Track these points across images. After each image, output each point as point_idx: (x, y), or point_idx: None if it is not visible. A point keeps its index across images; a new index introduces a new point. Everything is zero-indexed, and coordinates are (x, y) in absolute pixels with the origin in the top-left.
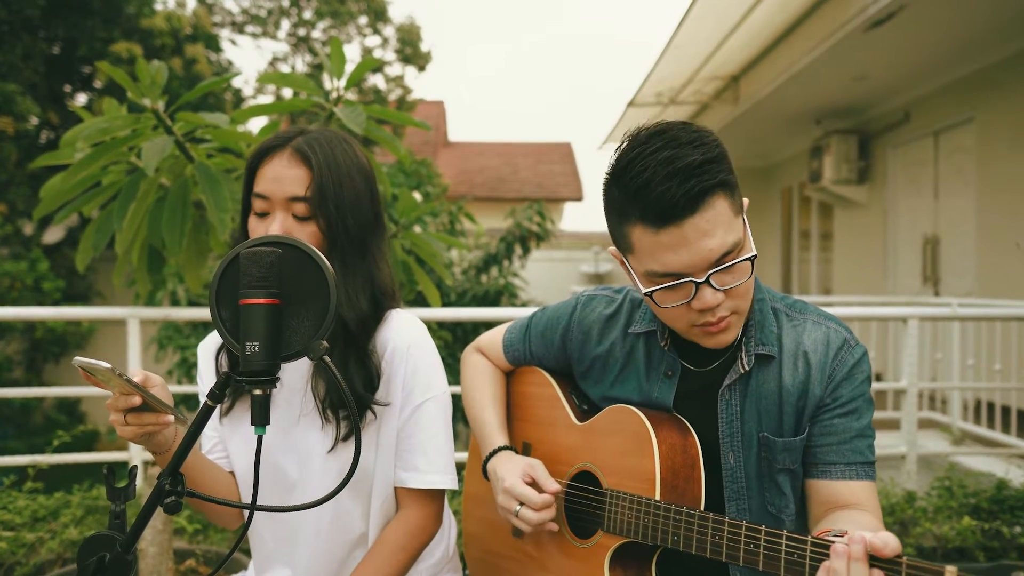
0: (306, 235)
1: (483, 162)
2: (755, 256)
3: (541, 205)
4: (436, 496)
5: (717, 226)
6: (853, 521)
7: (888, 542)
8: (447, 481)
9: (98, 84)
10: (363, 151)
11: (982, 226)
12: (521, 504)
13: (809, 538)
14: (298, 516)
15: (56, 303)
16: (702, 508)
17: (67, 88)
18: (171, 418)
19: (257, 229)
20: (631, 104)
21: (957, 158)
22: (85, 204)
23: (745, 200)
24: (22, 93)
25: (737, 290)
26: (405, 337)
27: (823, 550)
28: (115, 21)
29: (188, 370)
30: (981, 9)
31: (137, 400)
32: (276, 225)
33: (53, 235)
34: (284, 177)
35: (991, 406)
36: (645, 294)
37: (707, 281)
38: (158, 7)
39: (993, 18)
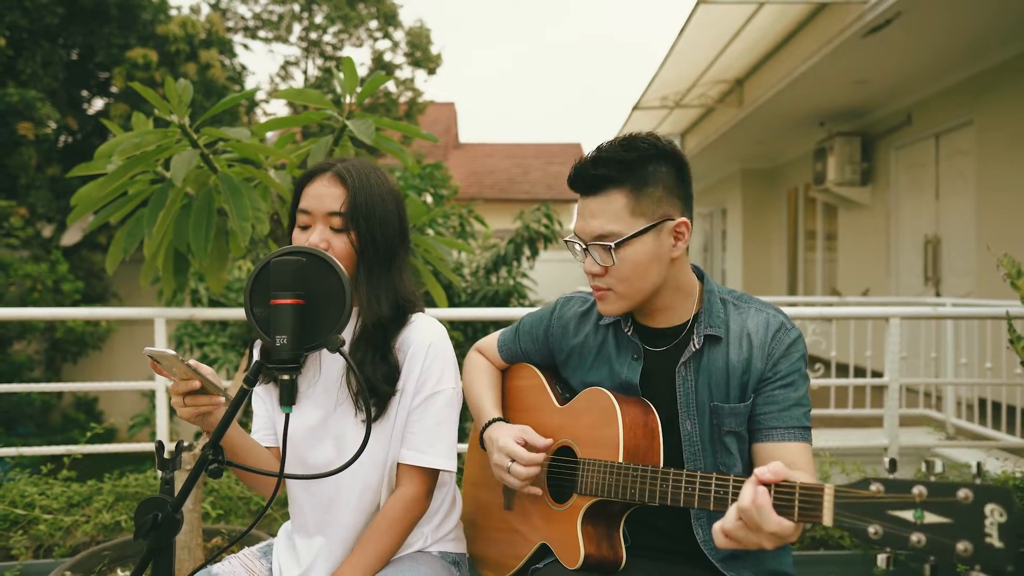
0: (340, 245)
1: (493, 163)
2: (611, 246)
3: (548, 207)
4: (430, 475)
5: (603, 213)
6: None
7: (774, 470)
8: (443, 463)
9: (114, 89)
10: (392, 178)
11: (981, 226)
12: (512, 461)
13: (731, 477)
14: (333, 489)
15: (75, 304)
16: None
17: (85, 93)
18: (222, 399)
19: (299, 239)
20: (636, 107)
21: (957, 160)
22: (115, 212)
23: (681, 221)
24: (42, 99)
25: (614, 271)
26: (426, 337)
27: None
28: (131, 28)
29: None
30: (977, 15)
31: (196, 384)
32: (316, 235)
33: (71, 238)
34: (324, 195)
35: (983, 402)
36: (566, 241)
37: (587, 250)
38: (173, 14)
39: (990, 24)
